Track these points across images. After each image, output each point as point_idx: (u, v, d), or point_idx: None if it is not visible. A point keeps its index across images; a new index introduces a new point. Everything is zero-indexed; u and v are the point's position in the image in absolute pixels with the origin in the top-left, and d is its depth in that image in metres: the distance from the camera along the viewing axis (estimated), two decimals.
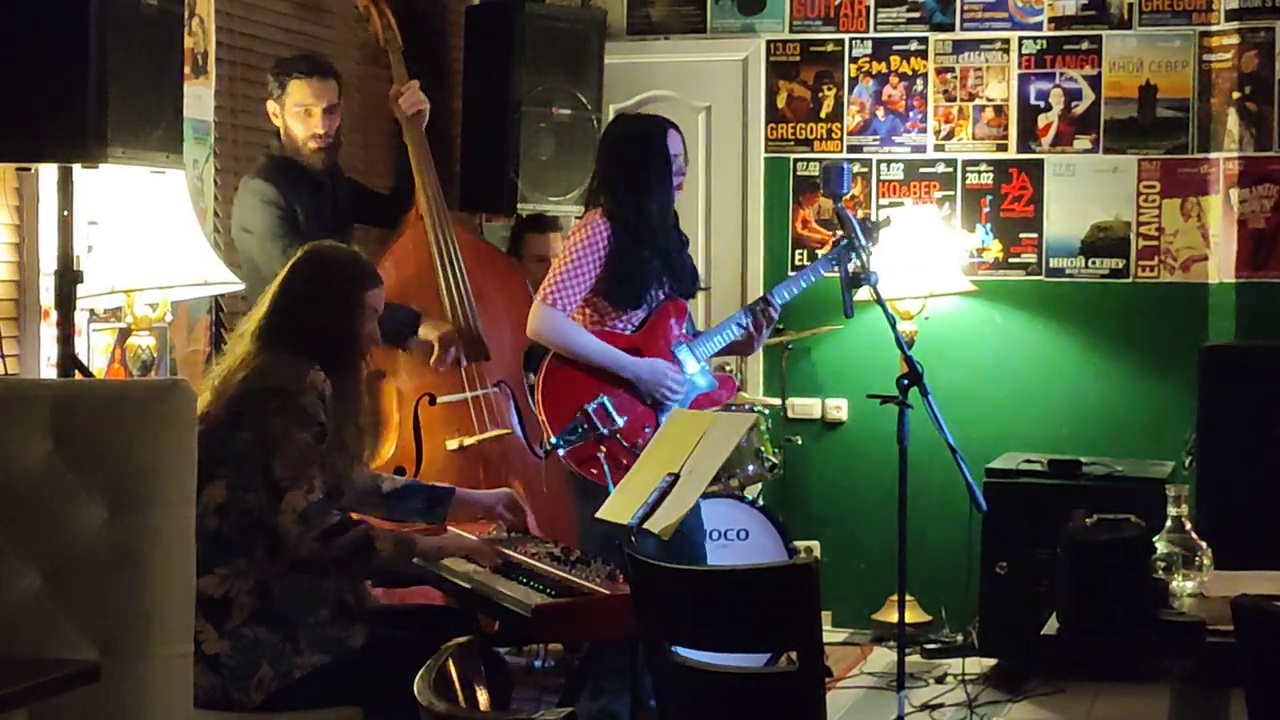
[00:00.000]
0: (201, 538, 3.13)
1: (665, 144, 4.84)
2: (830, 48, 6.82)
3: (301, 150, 5.09)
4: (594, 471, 4.57)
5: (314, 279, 3.94)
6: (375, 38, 5.65)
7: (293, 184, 5.03)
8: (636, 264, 4.78)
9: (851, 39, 6.80)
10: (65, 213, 3.94)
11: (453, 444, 5.21)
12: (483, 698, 2.44)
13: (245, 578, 3.66)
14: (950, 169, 6.71)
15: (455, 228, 5.46)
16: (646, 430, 4.80)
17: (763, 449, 5.92)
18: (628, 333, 4.85)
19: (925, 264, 6.41)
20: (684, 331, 4.96)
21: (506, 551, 4.12)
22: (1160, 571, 3.52)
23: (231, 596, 3.64)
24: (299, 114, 5.07)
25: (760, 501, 6.04)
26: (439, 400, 5.23)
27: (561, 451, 4.59)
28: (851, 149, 6.80)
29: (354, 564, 3.75)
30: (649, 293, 4.84)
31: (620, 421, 4.63)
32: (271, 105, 5.11)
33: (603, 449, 4.56)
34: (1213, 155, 6.43)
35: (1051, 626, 3.56)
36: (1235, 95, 6.37)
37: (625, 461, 4.64)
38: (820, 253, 6.77)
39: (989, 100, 6.66)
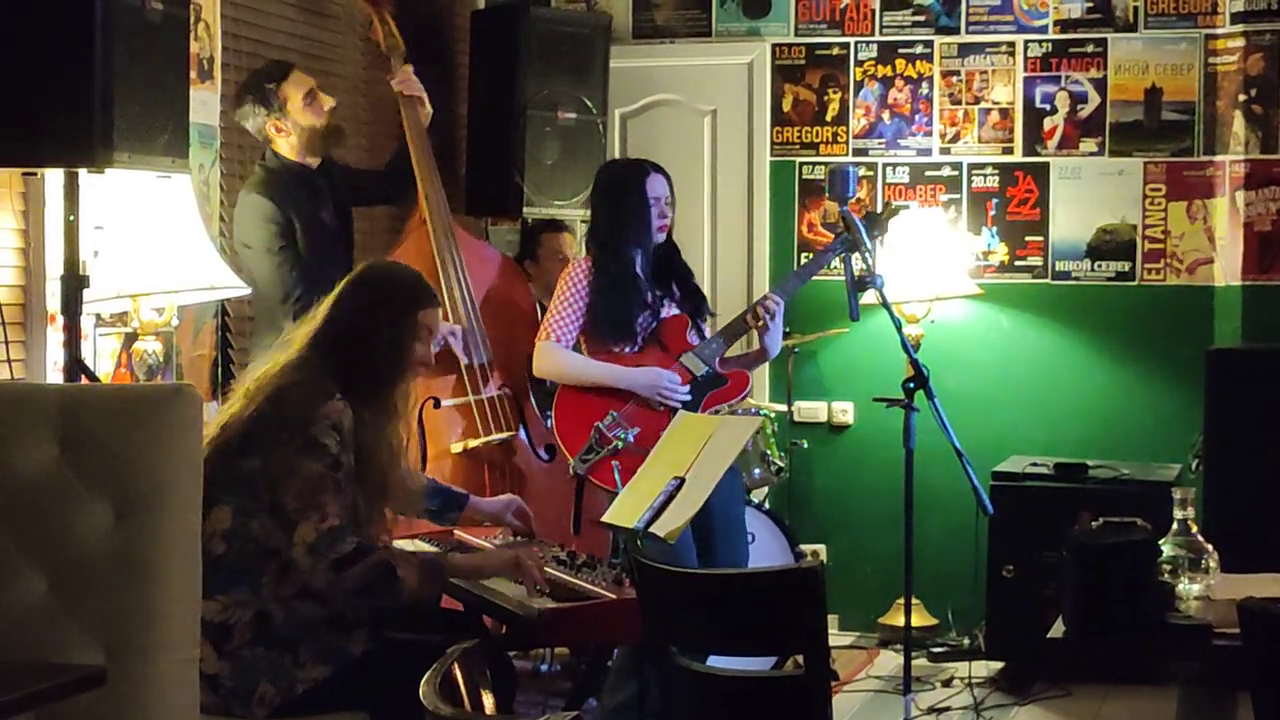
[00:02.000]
0: (205, 561, 3.10)
1: (643, 189, 4.96)
2: (835, 51, 6.82)
3: (322, 135, 5.09)
4: (606, 476, 4.65)
5: (373, 295, 3.90)
6: (378, 44, 5.65)
7: (290, 195, 5.01)
8: (615, 303, 4.93)
9: (857, 42, 6.80)
10: (71, 217, 3.94)
11: (457, 447, 5.22)
12: (488, 701, 2.44)
13: (246, 607, 3.62)
14: (956, 172, 6.71)
15: (459, 232, 5.46)
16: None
17: (769, 452, 5.91)
18: (630, 353, 4.92)
19: (931, 267, 6.41)
20: (689, 341, 5.01)
21: (552, 572, 4.03)
22: (1166, 574, 3.51)
23: (231, 624, 3.61)
24: (307, 106, 5.05)
25: (766, 505, 6.04)
26: (444, 404, 5.24)
27: (581, 472, 4.74)
28: (857, 152, 6.80)
29: (376, 595, 3.64)
30: (634, 325, 4.94)
31: (632, 432, 4.73)
32: (271, 123, 5.06)
33: (616, 458, 4.64)
34: (1218, 158, 6.42)
35: (1058, 629, 3.56)
36: (1241, 98, 6.36)
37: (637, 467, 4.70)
38: None
39: (994, 103, 6.66)
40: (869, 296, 5.11)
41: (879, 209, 6.53)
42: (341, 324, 3.86)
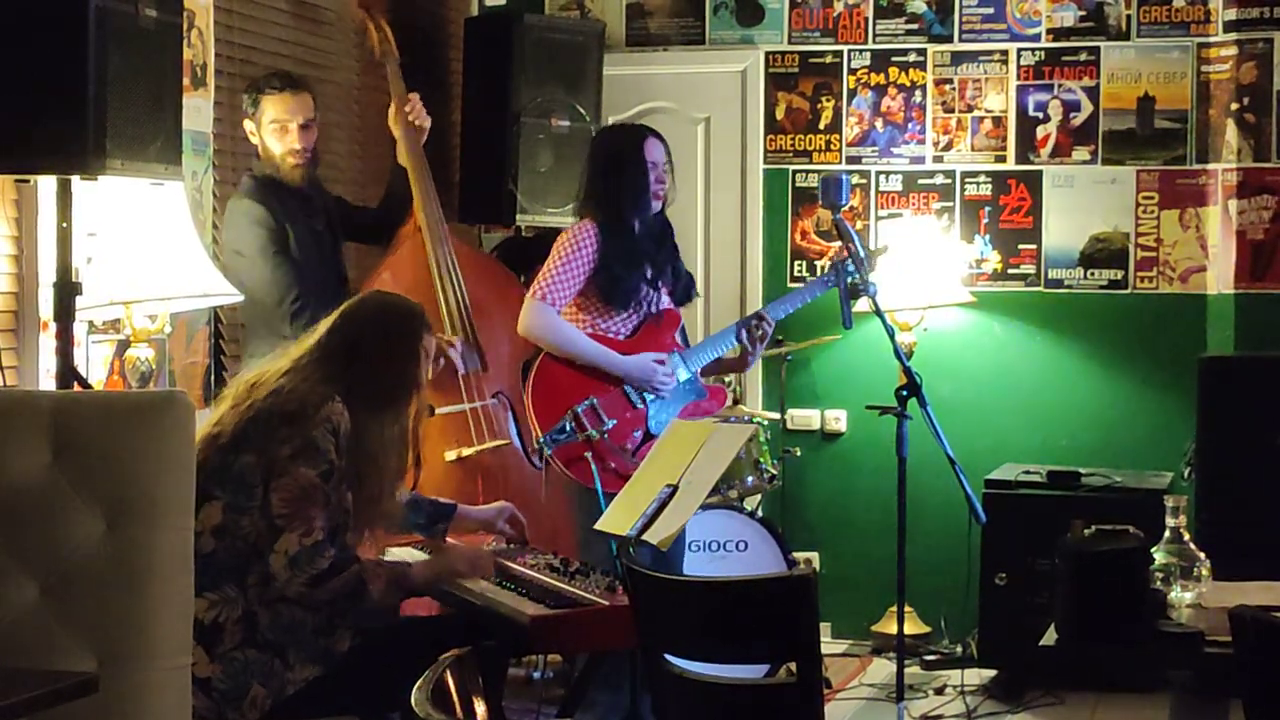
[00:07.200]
0: (195, 558, 3.11)
1: (641, 153, 4.90)
2: (829, 59, 6.83)
3: (280, 167, 5.06)
4: (584, 473, 4.63)
5: (372, 323, 3.91)
6: (372, 50, 5.65)
7: (280, 202, 5.00)
8: (624, 266, 4.85)
9: (850, 50, 6.80)
10: (64, 224, 3.94)
11: (451, 455, 5.21)
12: (480, 709, 2.44)
13: (234, 605, 3.64)
14: (949, 180, 6.72)
15: (453, 240, 5.46)
16: (635, 434, 4.84)
17: (761, 460, 5.91)
18: (620, 338, 4.90)
19: (924, 275, 6.41)
20: (676, 341, 5.01)
21: (504, 563, 4.12)
22: (1159, 582, 3.52)
23: (221, 623, 3.63)
24: (275, 130, 5.04)
25: (759, 513, 6.04)
26: (438, 411, 5.23)
27: (549, 450, 4.66)
28: (850, 160, 6.80)
29: (345, 605, 3.71)
30: (639, 296, 4.88)
31: (609, 423, 4.72)
32: (248, 124, 5.08)
33: (590, 450, 4.62)
34: (1211, 166, 6.43)
35: (1050, 637, 3.57)
36: (1233, 106, 6.37)
37: (613, 463, 4.69)
38: (819, 264, 6.79)
39: (987, 111, 6.67)
40: (862, 304, 5.12)
41: (870, 234, 6.56)
42: (343, 347, 3.85)
